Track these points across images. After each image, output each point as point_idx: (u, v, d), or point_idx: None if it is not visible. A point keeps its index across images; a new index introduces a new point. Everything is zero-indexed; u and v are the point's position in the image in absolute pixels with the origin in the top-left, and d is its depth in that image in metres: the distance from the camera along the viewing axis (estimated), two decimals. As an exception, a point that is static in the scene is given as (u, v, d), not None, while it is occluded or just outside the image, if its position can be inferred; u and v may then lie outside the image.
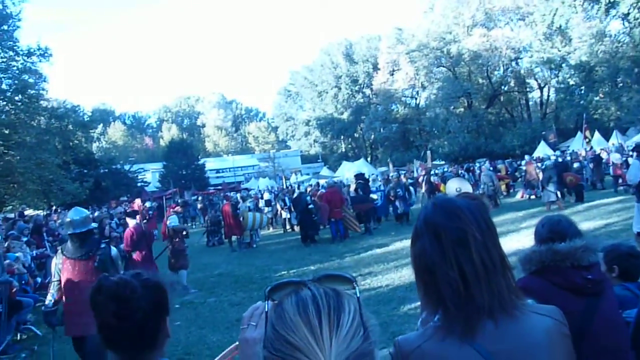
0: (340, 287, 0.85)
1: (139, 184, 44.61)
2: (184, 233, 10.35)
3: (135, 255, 8.96)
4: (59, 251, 4.95)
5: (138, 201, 25.41)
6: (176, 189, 40.00)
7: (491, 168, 20.80)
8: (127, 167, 45.86)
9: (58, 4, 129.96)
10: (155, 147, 76.92)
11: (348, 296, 0.83)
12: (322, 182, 24.37)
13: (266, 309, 0.86)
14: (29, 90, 23.12)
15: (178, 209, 10.66)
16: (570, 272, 1.95)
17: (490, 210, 1.40)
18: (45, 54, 23.56)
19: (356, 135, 59.00)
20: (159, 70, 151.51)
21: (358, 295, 0.83)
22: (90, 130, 35.91)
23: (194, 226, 24.98)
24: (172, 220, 10.37)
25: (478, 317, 1.19)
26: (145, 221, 22.14)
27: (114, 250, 4.90)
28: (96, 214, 23.37)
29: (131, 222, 9.67)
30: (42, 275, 11.36)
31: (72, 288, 4.72)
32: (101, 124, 66.63)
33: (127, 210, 15.25)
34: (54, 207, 26.42)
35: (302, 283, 0.85)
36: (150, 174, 50.64)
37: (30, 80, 23.47)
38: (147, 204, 24.25)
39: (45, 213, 22.44)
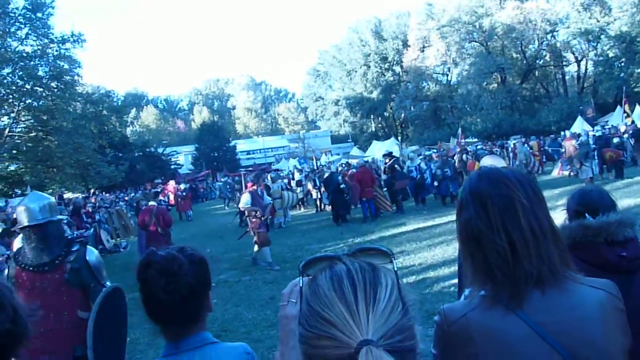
0: (376, 261, 0.82)
1: (172, 167, 45.52)
2: (257, 213, 9.90)
3: (148, 232, 9.85)
4: (11, 259, 3.40)
5: (172, 183, 25.91)
6: (209, 171, 40.64)
7: (525, 145, 20.13)
8: (160, 150, 46.84)
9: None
10: (187, 130, 77.95)
11: (385, 270, 0.80)
12: (352, 162, 24.24)
13: (300, 285, 0.84)
14: (65, 77, 23.63)
15: (254, 187, 10.45)
16: (603, 248, 1.83)
17: None
18: (79, 40, 23.99)
19: (386, 114, 58.37)
20: (189, 53, 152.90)
21: (395, 269, 0.81)
22: (124, 115, 36.62)
23: (226, 207, 25.27)
24: (245, 201, 10.05)
25: (526, 285, 1.17)
26: (180, 201, 22.84)
27: (92, 252, 3.46)
28: (132, 195, 24.03)
29: (151, 203, 10.78)
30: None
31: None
32: (134, 108, 67.84)
33: (147, 192, 15.75)
34: (91, 190, 27.20)
35: (336, 258, 0.83)
36: (183, 157, 51.53)
37: (65, 66, 23.95)
38: (182, 186, 24.70)
39: (83, 196, 23.12)
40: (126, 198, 23.49)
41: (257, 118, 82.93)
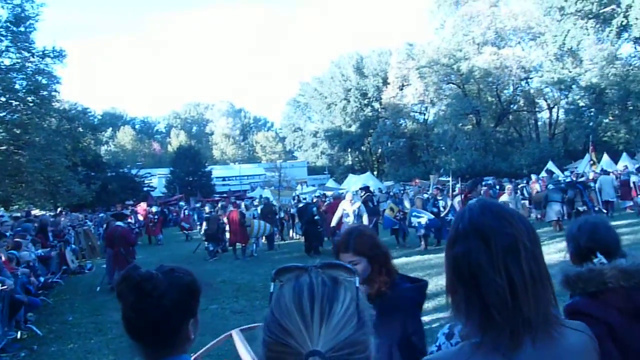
0: (342, 275, 0.89)
1: (145, 189, 44.82)
2: None
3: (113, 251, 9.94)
4: None
5: (143, 205, 25.52)
6: (182, 195, 40.17)
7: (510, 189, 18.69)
8: (134, 171, 46.13)
9: (77, 8, 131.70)
10: (163, 153, 77.30)
11: (347, 285, 0.86)
12: (328, 193, 24.29)
13: (272, 290, 0.89)
14: (42, 92, 23.37)
15: (470, 195, 9.00)
16: (634, 293, 1.73)
17: None
18: (60, 56, 23.83)
19: (363, 148, 58.99)
20: (170, 76, 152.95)
21: (357, 285, 0.87)
22: (100, 133, 36.24)
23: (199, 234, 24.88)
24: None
25: (524, 332, 1.13)
26: (151, 225, 22.44)
27: None
28: (101, 215, 23.62)
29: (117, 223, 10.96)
30: (45, 274, 11.41)
31: None
32: (110, 128, 67.14)
33: (116, 213, 15.38)
34: (59, 209, 26.57)
35: (305, 269, 0.89)
36: (157, 179, 50.86)
37: (44, 81, 23.70)
38: (153, 209, 24.35)
39: (52, 214, 22.55)
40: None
41: (235, 145, 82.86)
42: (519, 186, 21.66)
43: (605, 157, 27.91)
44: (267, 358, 0.84)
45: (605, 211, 17.72)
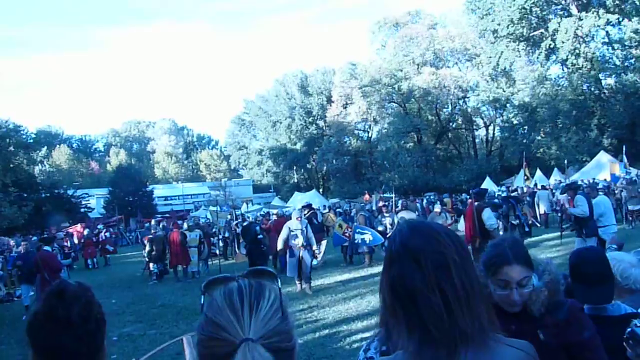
0: (265, 280, 1.00)
1: (82, 210, 43.03)
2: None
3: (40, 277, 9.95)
4: None
5: (78, 227, 24.55)
6: (121, 216, 38.82)
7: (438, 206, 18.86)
8: (70, 192, 44.18)
9: (10, 24, 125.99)
10: (102, 172, 74.50)
11: (270, 286, 0.98)
12: (273, 212, 24.14)
13: (202, 302, 0.98)
14: (-32, 109, 22.11)
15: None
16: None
17: None
18: (-12, 72, 22.67)
19: (309, 166, 59.27)
20: (110, 93, 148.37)
21: (279, 286, 1.00)
22: (34, 152, 34.58)
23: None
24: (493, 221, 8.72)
25: (462, 344, 1.17)
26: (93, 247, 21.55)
27: None
28: (33, 238, 22.41)
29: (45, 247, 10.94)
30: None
31: None
32: (45, 147, 64.24)
33: (44, 237, 14.83)
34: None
35: (232, 278, 1.00)
36: (95, 200, 48.91)
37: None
38: (86, 232, 23.46)
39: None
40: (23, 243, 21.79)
41: (178, 163, 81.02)
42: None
43: (538, 173, 29.32)
44: (200, 355, 0.93)
45: (538, 225, 18.60)
